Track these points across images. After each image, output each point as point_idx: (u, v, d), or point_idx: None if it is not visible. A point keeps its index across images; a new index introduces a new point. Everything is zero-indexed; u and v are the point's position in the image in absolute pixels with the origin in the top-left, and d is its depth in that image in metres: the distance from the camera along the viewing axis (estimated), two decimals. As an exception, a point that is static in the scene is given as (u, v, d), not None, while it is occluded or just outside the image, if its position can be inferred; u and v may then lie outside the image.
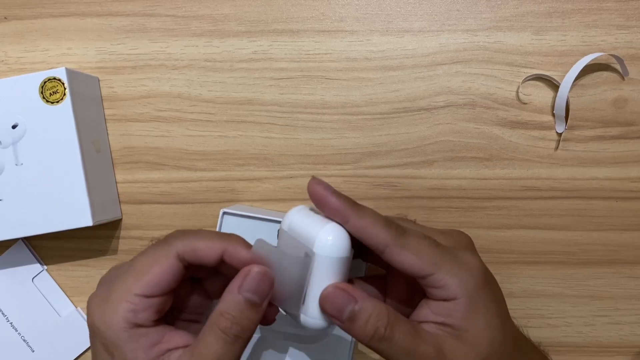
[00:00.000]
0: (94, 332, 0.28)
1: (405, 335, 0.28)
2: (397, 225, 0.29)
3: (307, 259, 0.29)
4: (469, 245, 0.33)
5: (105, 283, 0.30)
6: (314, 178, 0.30)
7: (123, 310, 0.28)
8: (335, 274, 0.29)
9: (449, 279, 0.29)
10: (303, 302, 0.30)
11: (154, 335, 0.28)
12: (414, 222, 0.34)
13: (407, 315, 0.31)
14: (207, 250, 0.29)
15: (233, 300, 0.28)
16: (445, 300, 0.29)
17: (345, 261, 0.29)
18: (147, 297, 0.28)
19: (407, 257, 0.28)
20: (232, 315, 0.27)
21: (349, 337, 0.40)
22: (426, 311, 0.30)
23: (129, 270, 0.29)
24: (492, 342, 0.29)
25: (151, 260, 0.29)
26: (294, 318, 0.31)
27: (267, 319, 0.31)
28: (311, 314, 0.30)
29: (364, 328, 0.28)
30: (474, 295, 0.29)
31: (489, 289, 0.30)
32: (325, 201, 0.29)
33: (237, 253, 0.29)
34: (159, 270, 0.28)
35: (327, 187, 0.29)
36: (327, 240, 0.29)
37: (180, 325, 0.32)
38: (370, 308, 0.28)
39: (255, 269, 0.28)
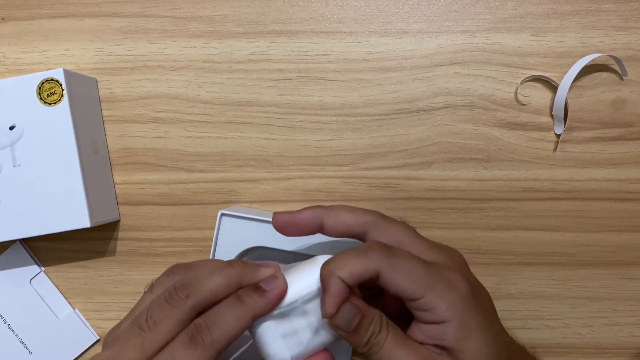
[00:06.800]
0: None
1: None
2: (381, 245, 0.29)
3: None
4: (460, 264, 0.33)
5: None
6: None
7: None
8: None
9: (437, 302, 0.28)
10: None
11: None
12: (414, 229, 0.34)
13: None
14: None
15: None
16: (435, 323, 0.29)
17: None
18: None
19: (399, 279, 0.29)
20: None
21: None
22: (417, 333, 0.30)
23: None
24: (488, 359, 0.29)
25: None
26: None
27: None
28: None
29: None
30: (464, 315, 0.29)
31: (479, 307, 0.30)
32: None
33: None
34: None
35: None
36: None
37: None
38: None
39: None
